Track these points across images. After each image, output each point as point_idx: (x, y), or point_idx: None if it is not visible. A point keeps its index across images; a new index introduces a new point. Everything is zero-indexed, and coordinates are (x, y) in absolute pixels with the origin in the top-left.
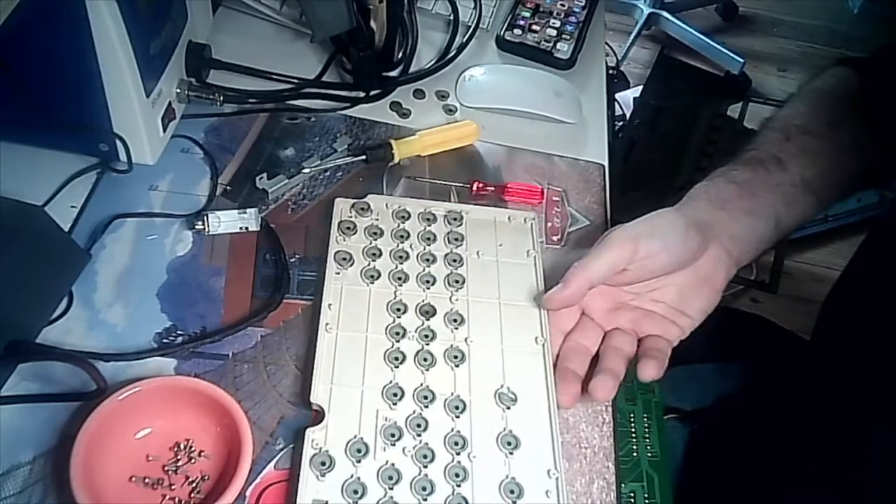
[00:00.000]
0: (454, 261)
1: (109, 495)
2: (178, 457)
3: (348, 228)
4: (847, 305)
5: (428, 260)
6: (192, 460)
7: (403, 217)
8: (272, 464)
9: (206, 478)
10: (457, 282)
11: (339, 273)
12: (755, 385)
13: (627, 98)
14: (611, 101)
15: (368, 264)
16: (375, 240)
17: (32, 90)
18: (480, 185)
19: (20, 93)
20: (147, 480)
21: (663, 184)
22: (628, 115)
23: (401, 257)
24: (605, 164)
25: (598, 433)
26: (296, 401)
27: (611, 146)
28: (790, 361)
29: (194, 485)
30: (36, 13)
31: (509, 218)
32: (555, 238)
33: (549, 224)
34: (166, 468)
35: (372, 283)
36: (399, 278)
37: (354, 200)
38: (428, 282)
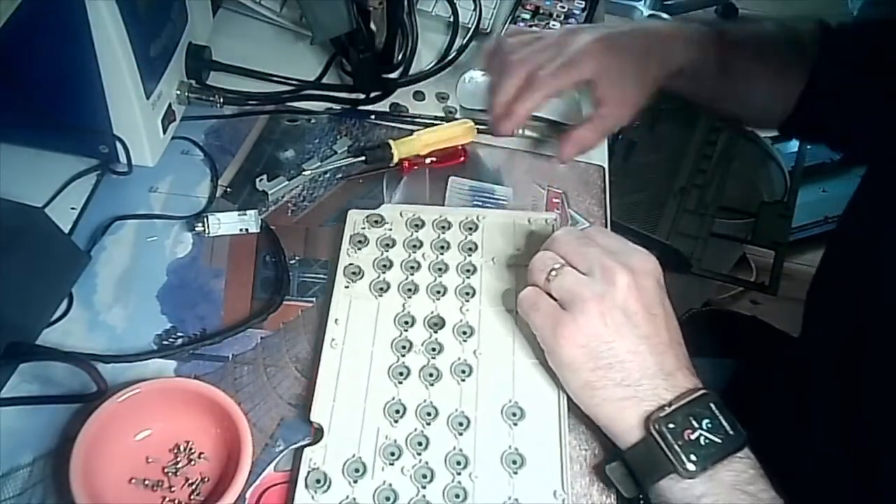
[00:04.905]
0: (467, 270)
1: (109, 497)
2: (178, 459)
3: (360, 241)
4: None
5: (440, 269)
6: (192, 462)
7: (417, 226)
8: (272, 466)
9: (206, 480)
10: (468, 293)
11: (347, 287)
12: (747, 379)
13: None
14: None
15: (378, 276)
16: (387, 251)
17: (32, 92)
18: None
19: (20, 94)
20: (147, 482)
21: (663, 185)
22: None
23: (412, 268)
24: (605, 165)
25: (599, 433)
26: (296, 403)
27: (610, 148)
28: (781, 358)
29: (194, 487)
30: (36, 15)
31: (529, 220)
32: None
33: None
34: (166, 470)
35: (380, 295)
36: (409, 290)
37: (368, 212)
38: (439, 292)
